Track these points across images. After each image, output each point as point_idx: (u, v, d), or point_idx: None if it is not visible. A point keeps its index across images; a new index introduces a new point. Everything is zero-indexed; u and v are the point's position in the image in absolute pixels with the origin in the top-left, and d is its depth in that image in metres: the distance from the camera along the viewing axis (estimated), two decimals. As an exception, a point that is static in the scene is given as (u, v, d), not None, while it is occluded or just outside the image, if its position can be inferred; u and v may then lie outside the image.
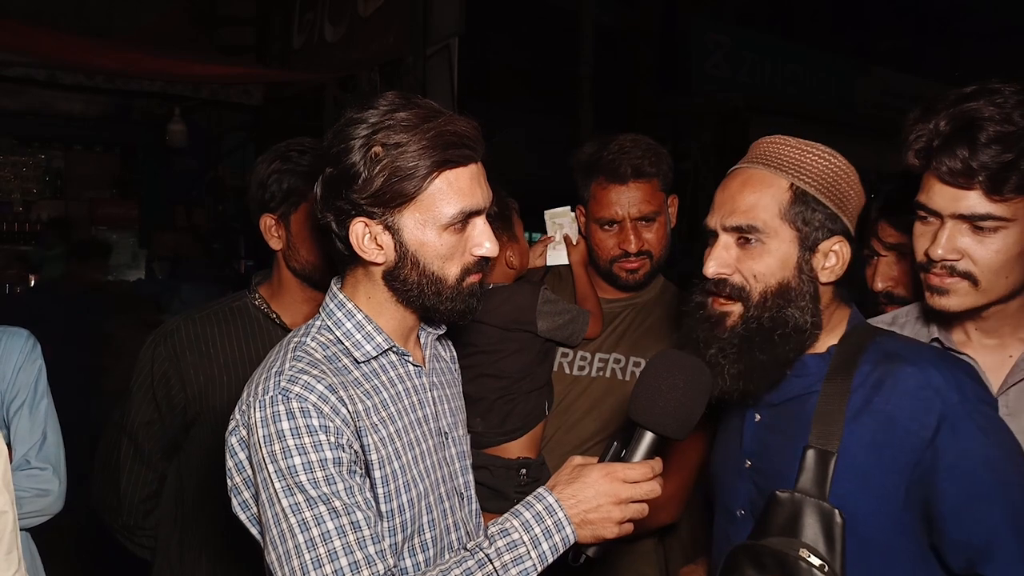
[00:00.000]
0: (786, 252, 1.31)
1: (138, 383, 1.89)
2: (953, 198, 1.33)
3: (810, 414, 1.29)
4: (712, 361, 1.33)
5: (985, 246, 1.34)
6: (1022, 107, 1.30)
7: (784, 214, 1.30)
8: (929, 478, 1.20)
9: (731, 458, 1.43)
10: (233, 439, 1.27)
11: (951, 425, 1.19)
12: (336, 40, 6.20)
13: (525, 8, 6.78)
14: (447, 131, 1.25)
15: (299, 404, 1.19)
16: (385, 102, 1.27)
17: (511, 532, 1.22)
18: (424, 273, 1.28)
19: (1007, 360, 1.44)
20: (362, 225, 1.27)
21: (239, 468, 1.27)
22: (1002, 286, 1.37)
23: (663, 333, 2.07)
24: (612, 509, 1.24)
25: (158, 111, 7.10)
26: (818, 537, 1.22)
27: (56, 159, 7.49)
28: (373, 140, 1.23)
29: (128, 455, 1.90)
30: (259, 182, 1.86)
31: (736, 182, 1.35)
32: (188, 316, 1.93)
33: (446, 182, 1.26)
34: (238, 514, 1.29)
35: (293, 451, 1.17)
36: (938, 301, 1.40)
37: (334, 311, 1.33)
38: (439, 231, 1.27)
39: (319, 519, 1.16)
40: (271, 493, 1.18)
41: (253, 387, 1.25)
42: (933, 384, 1.22)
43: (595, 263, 2.11)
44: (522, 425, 2.00)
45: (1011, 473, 1.19)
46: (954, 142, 1.30)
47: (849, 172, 1.34)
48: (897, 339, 1.38)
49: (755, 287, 1.32)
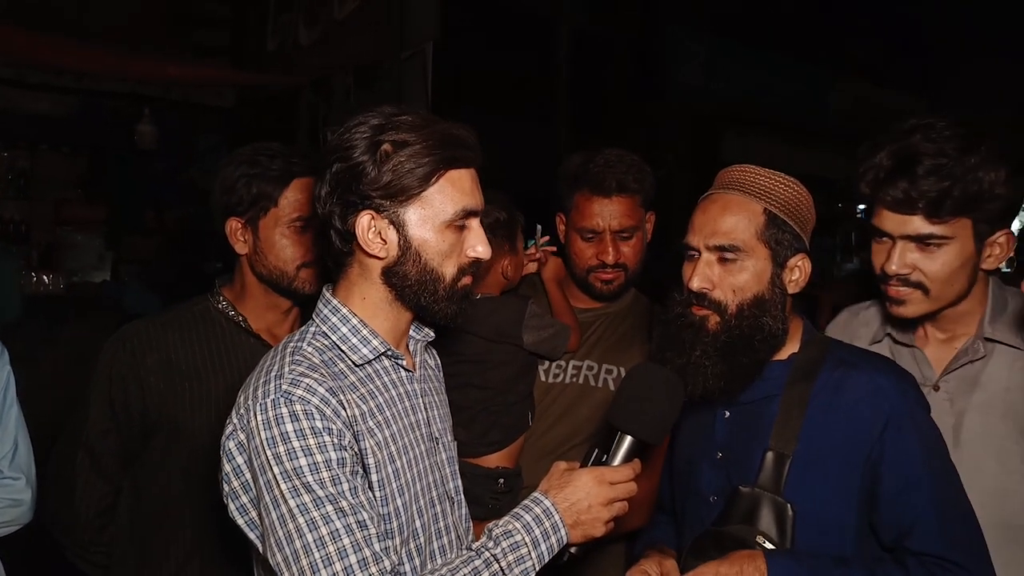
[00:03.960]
0: (761, 268, 1.47)
1: (95, 390, 1.81)
2: (900, 223, 1.55)
3: (772, 416, 1.48)
4: (696, 362, 1.47)
5: (932, 260, 1.55)
6: (955, 140, 1.50)
7: (760, 235, 1.46)
8: (876, 468, 1.41)
9: (703, 450, 1.58)
10: (231, 443, 1.27)
11: (896, 425, 1.41)
12: (311, 43, 6.15)
13: (501, 13, 6.78)
14: (452, 133, 1.33)
15: (302, 406, 1.21)
16: (387, 108, 1.33)
17: (514, 534, 1.28)
18: (424, 269, 1.32)
19: (953, 351, 1.66)
20: (368, 218, 1.30)
21: (237, 472, 1.27)
22: (950, 292, 1.58)
23: (635, 342, 2.15)
24: (601, 510, 1.33)
25: (128, 112, 6.98)
26: (772, 525, 1.43)
27: (21, 159, 7.34)
28: (382, 139, 1.28)
29: (83, 466, 1.81)
30: (226, 186, 1.82)
31: (716, 206, 1.50)
32: (149, 319, 1.87)
33: (450, 181, 1.32)
34: (235, 519, 1.29)
35: (299, 452, 1.20)
36: (896, 310, 1.62)
37: (328, 316, 1.36)
38: (441, 228, 1.32)
39: (327, 518, 1.18)
40: (276, 495, 1.19)
41: (251, 391, 1.27)
42: (882, 389, 1.43)
43: (572, 271, 2.15)
44: (504, 438, 2.02)
45: (936, 467, 1.42)
46: (896, 175, 1.52)
47: (808, 197, 1.52)
48: (849, 348, 1.58)
49: (732, 301, 1.47)
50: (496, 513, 1.90)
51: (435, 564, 1.33)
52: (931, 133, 1.52)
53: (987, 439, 1.59)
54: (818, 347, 1.53)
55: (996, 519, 1.52)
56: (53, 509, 1.88)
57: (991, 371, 1.62)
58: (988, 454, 1.58)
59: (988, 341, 1.62)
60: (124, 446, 1.83)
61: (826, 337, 1.62)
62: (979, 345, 1.62)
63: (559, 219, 2.17)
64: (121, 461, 1.84)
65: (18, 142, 7.19)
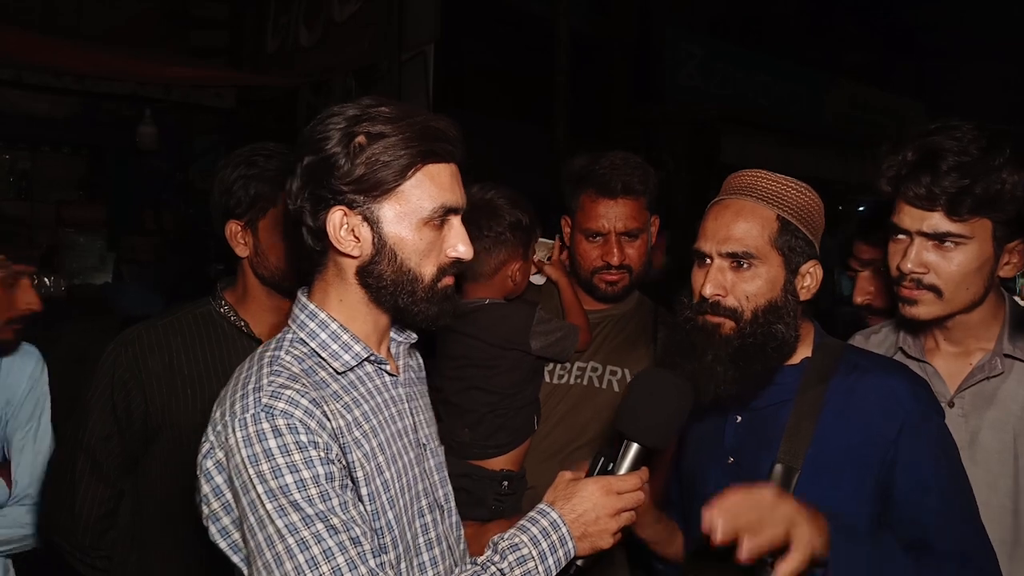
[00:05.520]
0: (775, 275, 1.46)
1: (96, 394, 1.79)
2: (919, 218, 1.54)
3: (783, 423, 1.46)
4: (709, 367, 1.45)
5: (948, 261, 1.54)
6: (978, 141, 1.50)
7: (773, 241, 1.45)
8: (890, 470, 1.41)
9: (714, 454, 1.57)
10: (208, 462, 1.21)
11: (910, 429, 1.40)
12: (311, 44, 6.15)
13: (501, 15, 6.79)
14: (431, 126, 1.25)
15: (285, 420, 1.14)
16: (365, 100, 1.26)
17: (520, 547, 1.23)
18: (400, 269, 1.25)
19: (967, 366, 1.64)
20: (340, 214, 1.23)
21: (217, 493, 1.21)
22: (963, 297, 1.57)
23: (639, 343, 2.15)
24: (609, 521, 1.29)
25: (128, 113, 6.98)
26: None
27: (22, 160, 7.34)
28: (356, 130, 1.21)
29: (84, 471, 1.79)
30: (224, 188, 1.80)
31: (728, 212, 1.48)
32: (150, 323, 1.85)
33: (428, 175, 1.24)
34: (217, 542, 1.23)
35: (284, 469, 1.12)
36: (909, 310, 1.60)
37: (306, 322, 1.28)
38: (418, 226, 1.25)
39: (318, 537, 1.11)
40: (261, 515, 1.13)
41: (227, 406, 1.19)
42: (896, 394, 1.43)
43: (576, 273, 2.16)
44: (511, 441, 2.02)
45: (948, 469, 1.43)
46: (919, 170, 1.51)
47: (819, 203, 1.52)
48: (862, 353, 1.57)
49: (747, 307, 1.46)
50: (500, 515, 1.91)
51: (452, 575, 1.27)
52: (955, 133, 1.52)
53: (1003, 457, 1.57)
54: (831, 351, 1.52)
55: (1009, 536, 1.53)
56: (52, 514, 1.86)
57: (1009, 388, 1.59)
58: (1004, 472, 1.57)
59: (1007, 358, 1.60)
60: (126, 450, 1.81)
61: (839, 341, 1.60)
62: (997, 361, 1.60)
63: (564, 221, 2.17)
64: (122, 465, 1.82)
65: (19, 143, 7.18)
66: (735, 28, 8.71)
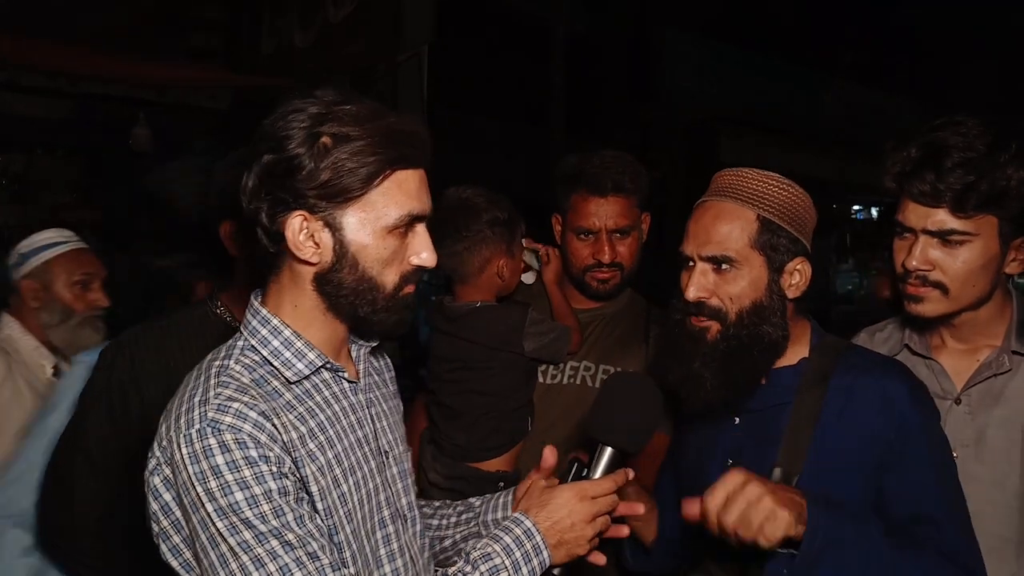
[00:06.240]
0: (757, 275, 1.45)
1: (93, 395, 1.79)
2: (924, 215, 1.52)
3: (782, 425, 1.46)
4: (696, 373, 1.45)
5: (953, 258, 1.52)
6: (984, 137, 1.48)
7: (753, 242, 1.44)
8: (886, 470, 1.42)
9: (713, 457, 1.57)
10: (156, 479, 1.16)
11: (908, 431, 1.41)
12: (306, 46, 6.15)
13: (497, 16, 6.79)
14: (399, 129, 1.19)
15: (233, 435, 1.09)
16: (328, 95, 1.19)
17: (493, 557, 1.21)
18: (362, 278, 1.20)
19: (974, 363, 1.62)
20: (300, 219, 1.17)
21: (165, 511, 1.16)
22: (969, 294, 1.55)
23: (632, 342, 2.15)
24: (585, 527, 1.28)
25: (122, 115, 6.97)
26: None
27: (16, 163, 7.32)
28: (320, 130, 1.15)
29: (82, 472, 1.78)
30: (220, 189, 1.79)
31: (708, 215, 1.47)
32: (147, 325, 1.85)
33: (395, 183, 1.19)
34: (168, 561, 1.19)
35: (233, 486, 1.08)
36: (914, 308, 1.59)
37: (258, 328, 1.22)
38: (382, 233, 1.19)
39: (273, 554, 1.07)
40: (212, 534, 1.08)
41: (173, 420, 1.14)
42: (894, 396, 1.43)
43: (568, 271, 2.16)
44: (506, 442, 2.03)
45: (944, 475, 1.45)
46: (924, 167, 1.50)
47: (805, 199, 1.49)
48: (862, 353, 1.56)
49: (731, 308, 1.45)
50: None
51: None
52: (961, 128, 1.50)
53: (1011, 455, 1.56)
54: (830, 351, 1.51)
55: (1016, 535, 1.53)
56: (49, 516, 1.85)
57: (1016, 386, 1.58)
58: (1012, 469, 1.55)
59: (1015, 355, 1.59)
60: (123, 452, 1.78)
61: (838, 340, 1.58)
62: (1004, 358, 1.58)
63: (555, 220, 2.18)
64: (120, 467, 1.80)
65: (13, 146, 7.17)
66: (732, 29, 8.72)
